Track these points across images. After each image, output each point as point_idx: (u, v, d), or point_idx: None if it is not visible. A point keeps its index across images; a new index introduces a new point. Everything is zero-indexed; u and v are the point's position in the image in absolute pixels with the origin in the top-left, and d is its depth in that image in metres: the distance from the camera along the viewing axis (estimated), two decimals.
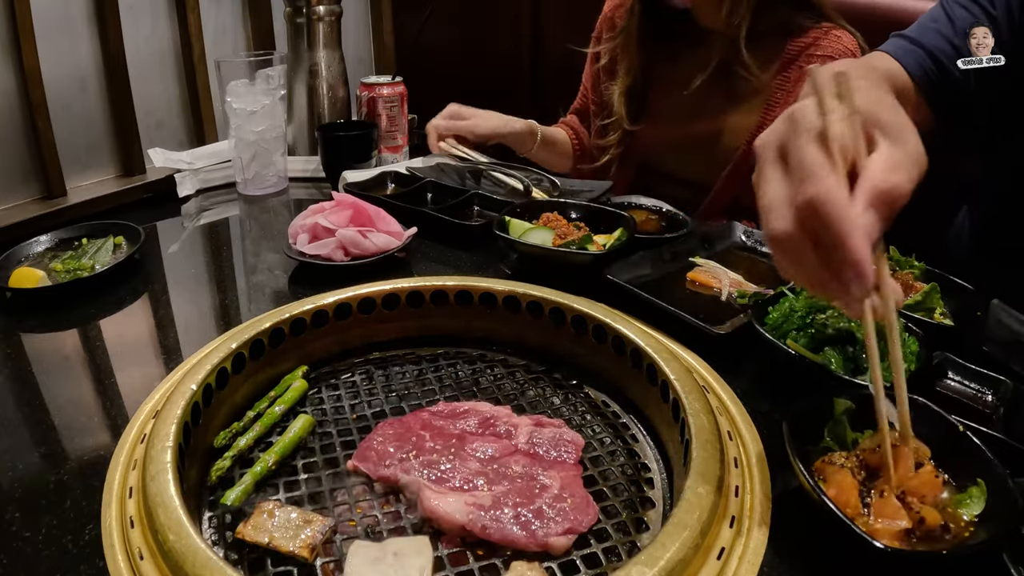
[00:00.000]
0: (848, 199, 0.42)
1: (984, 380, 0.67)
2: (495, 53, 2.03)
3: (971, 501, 0.49)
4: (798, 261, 0.45)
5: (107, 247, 0.99)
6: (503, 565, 0.50)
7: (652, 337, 0.68)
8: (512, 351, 0.76)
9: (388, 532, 0.53)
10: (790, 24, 1.14)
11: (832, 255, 0.43)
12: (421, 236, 1.03)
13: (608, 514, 0.55)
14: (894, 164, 0.44)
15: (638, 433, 0.65)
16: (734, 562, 0.48)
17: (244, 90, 1.24)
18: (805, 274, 0.46)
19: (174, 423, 0.55)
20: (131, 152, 1.39)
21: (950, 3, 0.85)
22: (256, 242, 1.15)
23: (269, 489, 0.57)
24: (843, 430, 0.56)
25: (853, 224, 0.41)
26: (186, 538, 0.45)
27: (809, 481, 0.49)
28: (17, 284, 0.87)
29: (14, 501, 0.55)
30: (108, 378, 0.73)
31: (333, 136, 1.34)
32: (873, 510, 0.49)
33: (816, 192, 0.42)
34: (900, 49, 0.84)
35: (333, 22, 1.46)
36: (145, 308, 0.90)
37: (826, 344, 0.68)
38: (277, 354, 0.70)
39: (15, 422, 0.66)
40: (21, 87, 1.19)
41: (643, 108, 1.32)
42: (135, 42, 1.40)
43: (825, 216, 0.42)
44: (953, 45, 0.82)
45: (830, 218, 0.41)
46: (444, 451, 0.58)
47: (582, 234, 0.97)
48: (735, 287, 0.86)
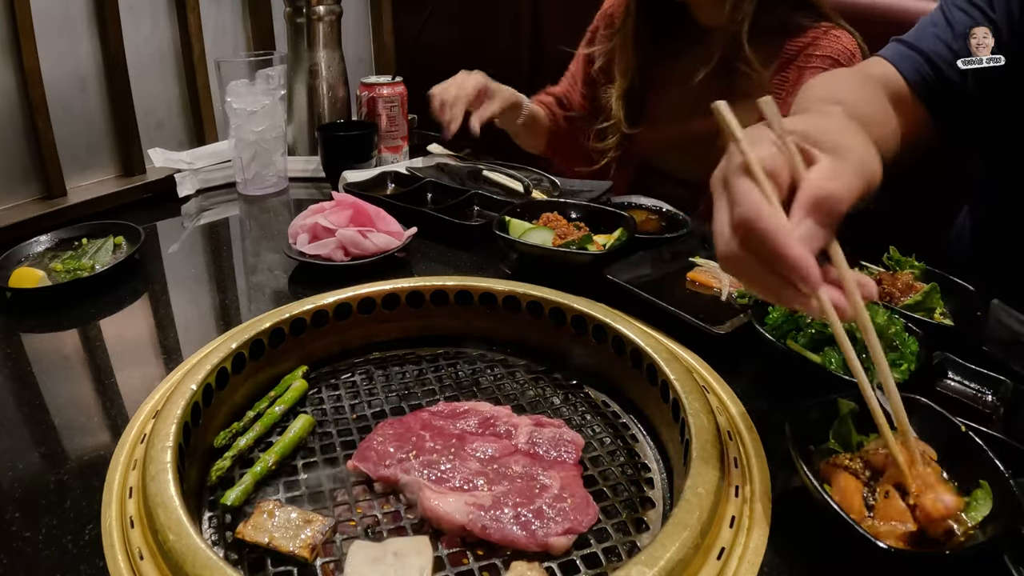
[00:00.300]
0: (774, 211, 0.46)
1: (984, 380, 0.67)
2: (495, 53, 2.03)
3: (977, 504, 0.49)
4: (749, 276, 0.48)
5: (107, 247, 0.99)
6: (503, 565, 0.50)
7: (652, 337, 0.68)
8: (512, 351, 0.76)
9: (388, 532, 0.53)
10: (789, 23, 1.14)
11: (775, 265, 0.46)
12: (421, 236, 1.03)
13: (608, 514, 0.55)
14: (831, 174, 0.47)
15: (638, 433, 0.65)
16: (734, 562, 0.48)
17: (244, 90, 1.24)
18: (759, 286, 0.49)
19: (174, 423, 0.55)
20: (131, 152, 1.39)
21: (949, 7, 0.85)
22: (256, 242, 1.15)
23: (269, 489, 0.57)
24: (848, 432, 0.56)
25: (784, 232, 0.45)
26: (186, 538, 0.45)
27: (811, 481, 0.49)
28: (17, 284, 0.87)
29: (14, 501, 0.55)
30: (108, 378, 0.73)
31: (333, 136, 1.34)
32: (878, 512, 0.49)
33: (744, 212, 0.46)
34: (897, 54, 0.86)
35: (333, 22, 1.46)
36: (145, 308, 0.90)
37: (826, 344, 0.68)
38: (277, 354, 0.70)
39: (15, 422, 0.66)
40: (21, 87, 1.19)
41: (641, 110, 1.31)
42: (135, 42, 1.39)
43: (759, 232, 0.45)
44: (951, 49, 0.83)
45: (763, 233, 0.45)
46: (444, 451, 0.58)
47: (582, 234, 0.97)
48: (735, 287, 0.86)
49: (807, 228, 0.46)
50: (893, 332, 0.68)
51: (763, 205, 0.46)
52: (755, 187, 0.47)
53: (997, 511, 0.48)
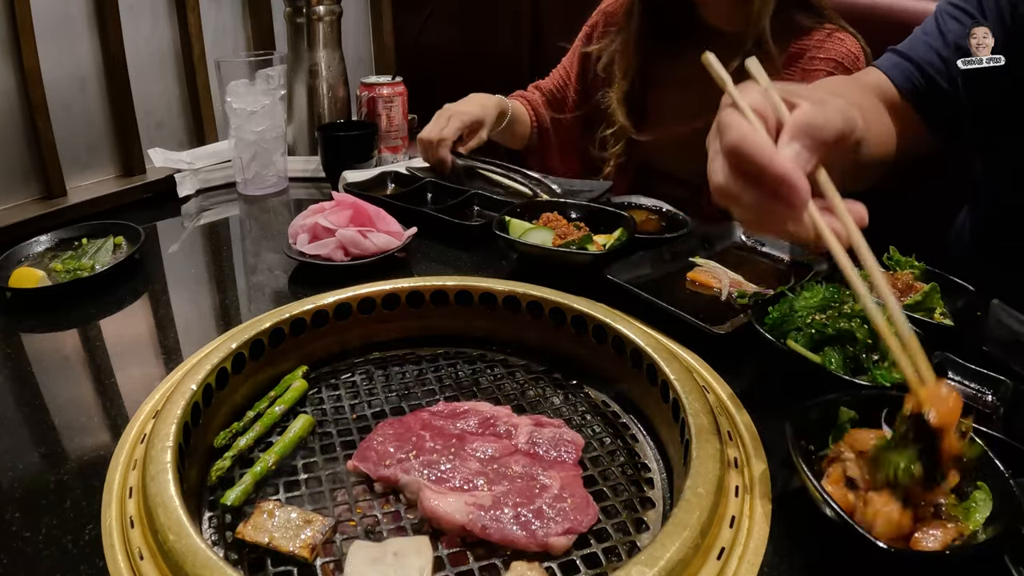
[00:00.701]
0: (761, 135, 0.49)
1: (984, 380, 0.66)
2: (495, 53, 2.03)
3: (978, 505, 0.49)
4: (743, 203, 0.50)
5: (107, 247, 0.99)
6: (503, 565, 0.50)
7: (652, 337, 0.68)
8: (512, 351, 0.76)
9: (388, 532, 0.53)
10: (792, 25, 1.14)
11: (764, 184, 0.48)
12: (421, 236, 1.03)
13: (608, 514, 0.55)
14: (813, 108, 0.50)
15: (638, 433, 0.65)
16: (734, 562, 0.48)
17: (244, 90, 1.24)
18: (753, 212, 0.51)
19: (174, 423, 0.55)
20: (131, 152, 1.39)
21: (943, 15, 0.88)
22: (256, 242, 1.15)
23: (269, 489, 0.57)
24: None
25: (771, 149, 0.48)
26: (186, 538, 0.45)
27: (812, 481, 0.49)
28: (17, 284, 0.87)
29: (14, 501, 0.55)
30: (108, 378, 0.73)
31: (333, 136, 1.34)
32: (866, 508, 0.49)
33: (732, 137, 0.49)
34: (889, 63, 0.89)
35: (333, 22, 1.46)
36: (145, 308, 0.90)
37: (826, 344, 0.68)
38: (277, 354, 0.70)
39: (15, 422, 0.66)
40: (21, 87, 1.19)
41: (643, 111, 1.30)
42: (135, 42, 1.39)
43: (746, 152, 0.48)
44: (942, 57, 0.85)
45: (750, 150, 0.48)
46: (444, 451, 0.58)
47: (582, 234, 0.97)
48: (735, 287, 0.86)
49: (793, 149, 0.49)
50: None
51: (750, 130, 0.49)
52: (743, 119, 0.50)
53: (997, 511, 0.48)
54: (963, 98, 0.84)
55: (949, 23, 0.85)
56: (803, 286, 0.75)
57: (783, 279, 0.90)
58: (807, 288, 0.74)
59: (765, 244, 0.98)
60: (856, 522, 0.46)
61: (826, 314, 0.70)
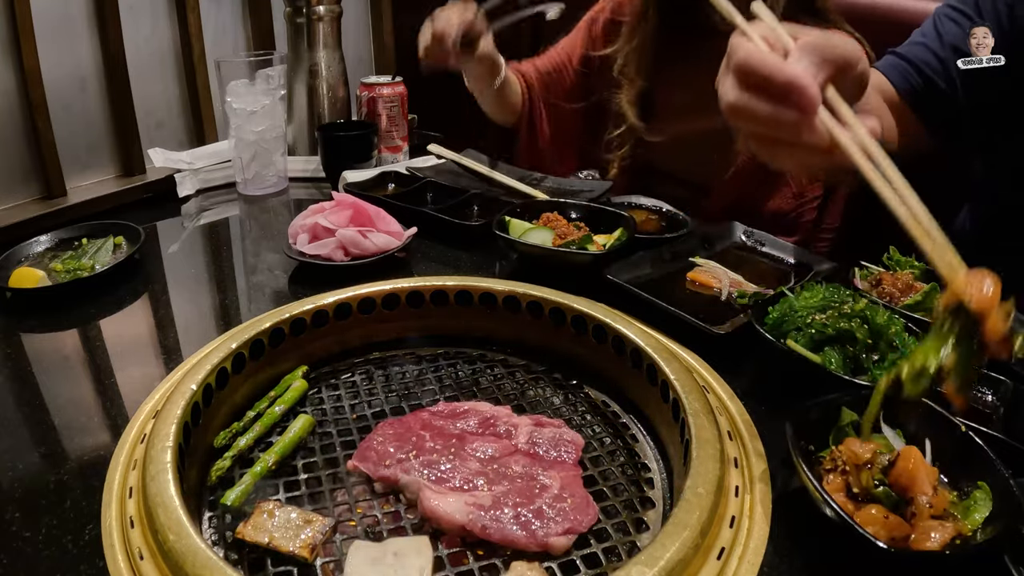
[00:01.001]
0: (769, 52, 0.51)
1: (984, 380, 0.66)
2: None
3: (978, 505, 0.49)
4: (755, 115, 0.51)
5: (107, 247, 0.99)
6: (503, 565, 0.50)
7: (652, 337, 0.68)
8: (512, 351, 0.76)
9: (388, 532, 0.53)
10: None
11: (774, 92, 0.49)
12: (421, 236, 1.03)
13: (608, 514, 0.55)
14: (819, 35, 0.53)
15: (638, 433, 0.65)
16: (734, 562, 0.48)
17: (244, 90, 1.24)
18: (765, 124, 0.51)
19: (174, 423, 0.55)
20: (131, 152, 1.39)
21: (941, 17, 0.89)
22: (256, 242, 1.15)
23: (269, 489, 0.57)
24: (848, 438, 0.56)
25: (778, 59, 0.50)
26: (186, 538, 0.45)
27: (812, 481, 0.49)
28: (17, 284, 0.87)
29: (14, 501, 0.55)
30: (108, 378, 0.73)
31: (333, 136, 1.34)
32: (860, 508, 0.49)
33: (740, 56, 0.51)
34: (887, 64, 0.90)
35: (333, 22, 1.46)
36: (145, 308, 0.90)
37: (826, 344, 0.68)
38: (277, 354, 0.70)
39: (15, 422, 0.66)
40: (21, 87, 1.19)
41: (652, 112, 1.29)
42: (135, 42, 1.39)
43: (755, 66, 0.50)
44: (939, 58, 0.86)
45: (757, 62, 0.50)
46: (444, 451, 0.58)
47: (582, 234, 0.97)
48: (735, 287, 0.86)
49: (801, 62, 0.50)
50: (893, 332, 0.68)
51: (757, 48, 0.51)
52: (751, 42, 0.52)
53: (997, 511, 0.48)
54: (961, 99, 0.85)
55: (947, 25, 0.86)
56: (803, 286, 0.75)
57: (783, 279, 0.90)
58: (807, 288, 0.74)
59: (765, 244, 0.98)
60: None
61: (826, 314, 0.70)
